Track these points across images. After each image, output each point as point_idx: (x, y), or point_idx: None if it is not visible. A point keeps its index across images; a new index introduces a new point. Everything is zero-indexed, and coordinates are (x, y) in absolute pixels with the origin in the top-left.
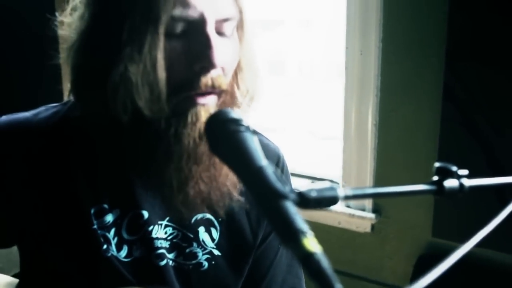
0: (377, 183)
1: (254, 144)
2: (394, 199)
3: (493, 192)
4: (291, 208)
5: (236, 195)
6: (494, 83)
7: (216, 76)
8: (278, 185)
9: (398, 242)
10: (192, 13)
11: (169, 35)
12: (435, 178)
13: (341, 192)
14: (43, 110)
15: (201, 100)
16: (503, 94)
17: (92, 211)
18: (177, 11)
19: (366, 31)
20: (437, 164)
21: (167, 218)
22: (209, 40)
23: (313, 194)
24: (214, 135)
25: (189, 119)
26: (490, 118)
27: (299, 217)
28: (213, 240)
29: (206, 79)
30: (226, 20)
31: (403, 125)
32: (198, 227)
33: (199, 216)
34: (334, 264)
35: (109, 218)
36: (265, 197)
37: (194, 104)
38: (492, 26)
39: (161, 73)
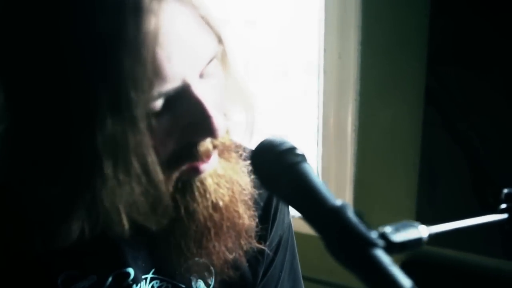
0: (357, 190)
1: (318, 177)
2: (375, 205)
3: (475, 197)
4: (385, 259)
5: (254, 242)
6: (477, 87)
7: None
8: (363, 229)
9: None
10: (173, 85)
11: (149, 117)
12: (504, 205)
13: (424, 232)
14: None
15: (204, 166)
16: (485, 98)
17: (59, 280)
18: (155, 90)
19: (344, 33)
20: (506, 191)
21: (152, 270)
22: (203, 107)
23: (398, 239)
24: (268, 172)
25: (197, 192)
26: (473, 122)
27: (397, 269)
28: (207, 286)
29: (206, 145)
30: (211, 61)
31: (384, 129)
32: (191, 274)
33: (191, 261)
34: (315, 273)
35: (83, 285)
36: (349, 245)
37: (197, 174)
38: (474, 29)
39: (159, 178)
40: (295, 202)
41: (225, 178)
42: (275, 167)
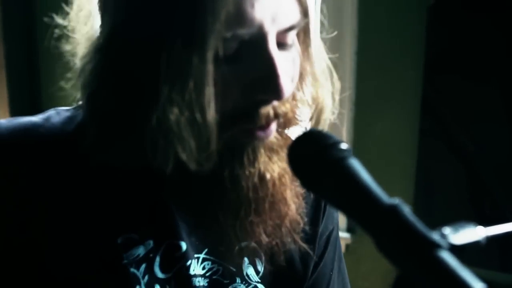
0: None
1: (367, 173)
2: None
3: (472, 207)
4: (452, 260)
5: (297, 238)
6: (474, 96)
7: (278, 104)
8: (425, 229)
9: (374, 262)
10: (249, 30)
11: (218, 59)
12: None
13: (482, 234)
14: (53, 114)
15: (260, 133)
16: (482, 108)
17: (119, 241)
18: (229, 31)
19: (340, 42)
20: None
21: (205, 250)
22: (273, 64)
23: (457, 241)
24: (310, 168)
25: (246, 158)
26: (470, 132)
27: (466, 271)
28: (257, 273)
29: (267, 110)
30: (290, 28)
31: (380, 140)
32: (242, 258)
33: (243, 243)
34: None
35: (139, 251)
36: (411, 247)
37: (251, 139)
38: (471, 38)
39: (211, 116)
40: (341, 201)
41: (279, 156)
42: (319, 162)
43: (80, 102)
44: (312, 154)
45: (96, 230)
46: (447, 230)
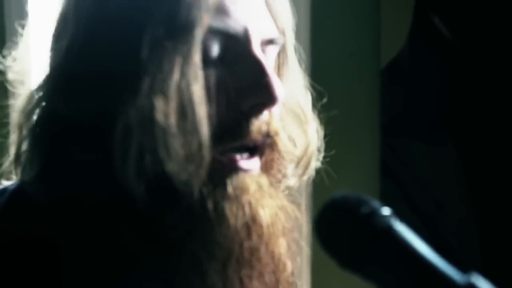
0: (314, 275)
1: (422, 242)
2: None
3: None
4: None
5: None
6: (432, 158)
7: (270, 119)
8: None
9: None
10: (234, 26)
11: (205, 60)
12: None
13: None
14: None
15: (245, 164)
16: (441, 169)
17: None
18: (215, 22)
19: None
20: None
21: None
22: (261, 64)
23: None
24: (351, 247)
25: (231, 190)
26: (430, 193)
27: None
28: None
29: (259, 123)
30: (270, 42)
31: None
32: None
33: None
34: None
35: None
36: None
37: (234, 169)
38: (425, 100)
39: (202, 112)
40: (394, 281)
41: (271, 197)
42: (360, 239)
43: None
44: (351, 227)
45: None
46: None
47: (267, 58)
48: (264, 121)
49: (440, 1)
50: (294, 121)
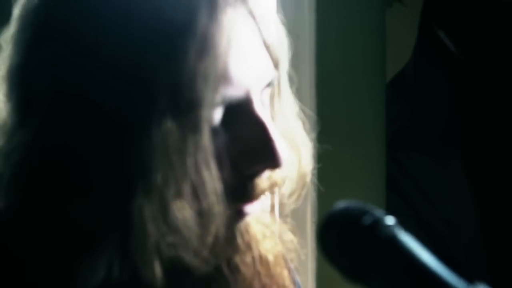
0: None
1: (427, 252)
2: None
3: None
4: None
5: None
6: (437, 172)
7: (271, 174)
8: None
9: None
10: (237, 93)
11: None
12: None
13: None
14: None
15: (249, 208)
16: (447, 183)
17: None
18: (219, 94)
19: None
20: None
21: None
22: (265, 128)
23: None
24: (354, 254)
25: (241, 241)
26: (437, 208)
27: None
28: None
29: (262, 183)
30: (267, 86)
31: None
32: None
33: None
34: None
35: None
36: None
37: (240, 218)
38: (430, 113)
39: (216, 200)
40: None
41: (272, 230)
42: (363, 250)
43: None
44: (355, 238)
45: None
46: None
47: (264, 103)
48: (265, 177)
49: (446, 15)
50: (291, 145)
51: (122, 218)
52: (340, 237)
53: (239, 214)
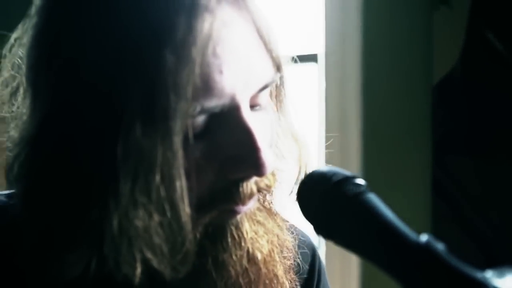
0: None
1: (389, 209)
2: None
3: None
4: None
5: None
6: (486, 176)
7: (259, 178)
8: (465, 268)
9: None
10: (219, 102)
11: (186, 138)
12: None
13: None
14: None
15: (241, 208)
16: (496, 187)
17: None
18: (197, 107)
19: (345, 127)
20: None
21: None
22: (251, 136)
23: (504, 285)
24: (323, 208)
25: (230, 239)
26: (484, 214)
27: None
28: None
29: (249, 186)
30: (262, 89)
31: None
32: None
33: None
34: None
35: None
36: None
37: (232, 216)
38: (478, 117)
39: (186, 213)
40: (360, 244)
41: (265, 228)
42: (331, 201)
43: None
44: (324, 192)
45: None
46: (489, 274)
47: (257, 104)
48: (254, 180)
49: (495, 16)
50: (293, 142)
51: (96, 217)
52: (311, 191)
53: (231, 212)
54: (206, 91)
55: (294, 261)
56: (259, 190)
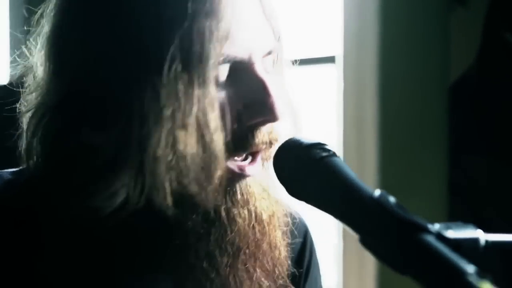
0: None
1: (351, 170)
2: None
3: None
4: (441, 245)
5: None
6: (503, 176)
7: (271, 129)
8: (409, 215)
9: None
10: (240, 52)
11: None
12: None
13: (481, 235)
14: None
15: (250, 169)
16: None
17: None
18: (224, 51)
19: (362, 128)
20: None
21: None
22: (265, 85)
23: (452, 235)
24: (293, 170)
25: (240, 196)
26: (502, 213)
27: (455, 255)
28: None
29: (262, 135)
30: (268, 53)
31: None
32: None
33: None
34: None
35: None
36: (394, 233)
37: (242, 176)
38: (495, 117)
39: (218, 138)
40: (325, 200)
41: (268, 193)
42: (301, 164)
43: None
44: (296, 156)
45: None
46: (438, 226)
47: (266, 68)
48: (266, 131)
49: None
50: (291, 113)
51: (138, 146)
52: (285, 156)
53: (241, 174)
54: (229, 41)
55: (288, 234)
56: (270, 141)
